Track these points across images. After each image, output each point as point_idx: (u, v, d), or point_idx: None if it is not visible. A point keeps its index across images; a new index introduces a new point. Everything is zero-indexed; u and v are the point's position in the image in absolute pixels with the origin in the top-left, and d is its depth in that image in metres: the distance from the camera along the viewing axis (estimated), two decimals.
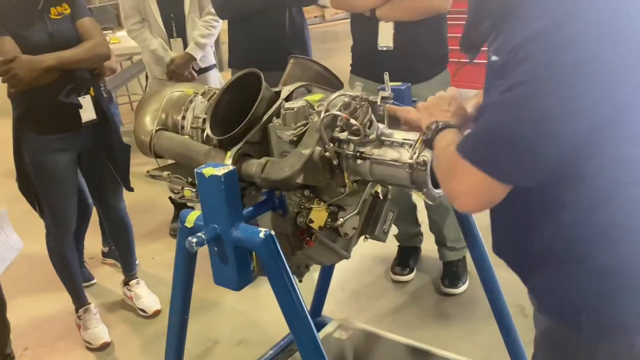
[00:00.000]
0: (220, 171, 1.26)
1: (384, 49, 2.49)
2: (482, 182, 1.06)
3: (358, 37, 2.64)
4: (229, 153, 1.46)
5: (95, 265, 3.32)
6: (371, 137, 1.39)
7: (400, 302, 2.78)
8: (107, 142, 2.53)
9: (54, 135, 2.40)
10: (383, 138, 1.41)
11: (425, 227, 2.94)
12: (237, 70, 2.95)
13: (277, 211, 1.47)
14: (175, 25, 3.13)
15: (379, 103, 1.44)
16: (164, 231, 3.66)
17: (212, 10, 3.10)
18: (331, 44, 9.21)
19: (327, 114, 1.37)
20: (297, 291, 1.28)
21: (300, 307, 1.28)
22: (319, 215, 1.49)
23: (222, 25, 3.23)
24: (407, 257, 2.96)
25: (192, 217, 1.38)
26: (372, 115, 1.40)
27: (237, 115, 1.52)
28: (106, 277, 3.23)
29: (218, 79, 3.38)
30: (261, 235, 1.26)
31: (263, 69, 1.57)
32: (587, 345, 1.15)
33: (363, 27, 2.55)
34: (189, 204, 3.65)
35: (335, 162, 1.41)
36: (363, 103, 1.39)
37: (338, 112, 1.36)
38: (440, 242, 2.83)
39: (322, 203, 1.49)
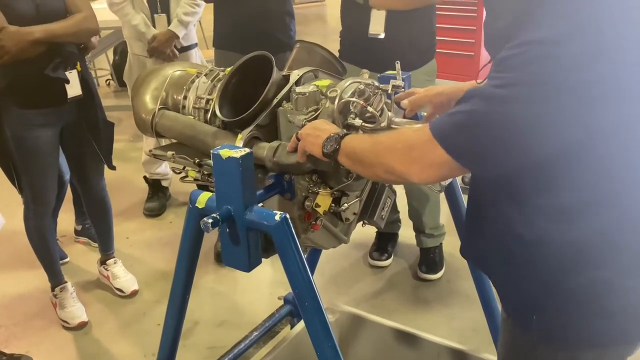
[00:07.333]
0: (237, 153, 1.27)
1: (375, 36, 2.51)
2: (445, 162, 1.06)
3: (348, 23, 2.65)
4: (239, 135, 1.46)
5: (67, 243, 3.26)
6: (383, 124, 1.41)
7: (378, 287, 2.84)
8: (91, 118, 2.48)
9: (38, 110, 2.34)
10: (393, 126, 1.44)
11: (403, 214, 3.00)
12: (221, 51, 2.95)
13: (285, 195, 1.48)
14: (160, 1, 3.07)
15: (389, 91, 1.47)
16: (137, 211, 3.62)
17: None
18: (301, 27, 9.13)
19: (343, 100, 1.39)
20: (309, 272, 1.30)
21: (311, 287, 1.29)
22: (324, 200, 1.51)
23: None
24: (385, 242, 3.01)
25: (203, 197, 1.37)
26: (384, 104, 1.43)
27: (244, 98, 1.52)
28: (79, 255, 3.18)
29: (200, 58, 3.35)
30: (277, 217, 1.27)
31: (246, 51, 1.58)
32: (535, 351, 1.17)
33: (354, 13, 2.56)
34: (163, 183, 3.64)
35: None
36: (377, 91, 1.42)
37: (355, 99, 1.38)
38: (419, 229, 2.89)
39: (328, 188, 1.51)
